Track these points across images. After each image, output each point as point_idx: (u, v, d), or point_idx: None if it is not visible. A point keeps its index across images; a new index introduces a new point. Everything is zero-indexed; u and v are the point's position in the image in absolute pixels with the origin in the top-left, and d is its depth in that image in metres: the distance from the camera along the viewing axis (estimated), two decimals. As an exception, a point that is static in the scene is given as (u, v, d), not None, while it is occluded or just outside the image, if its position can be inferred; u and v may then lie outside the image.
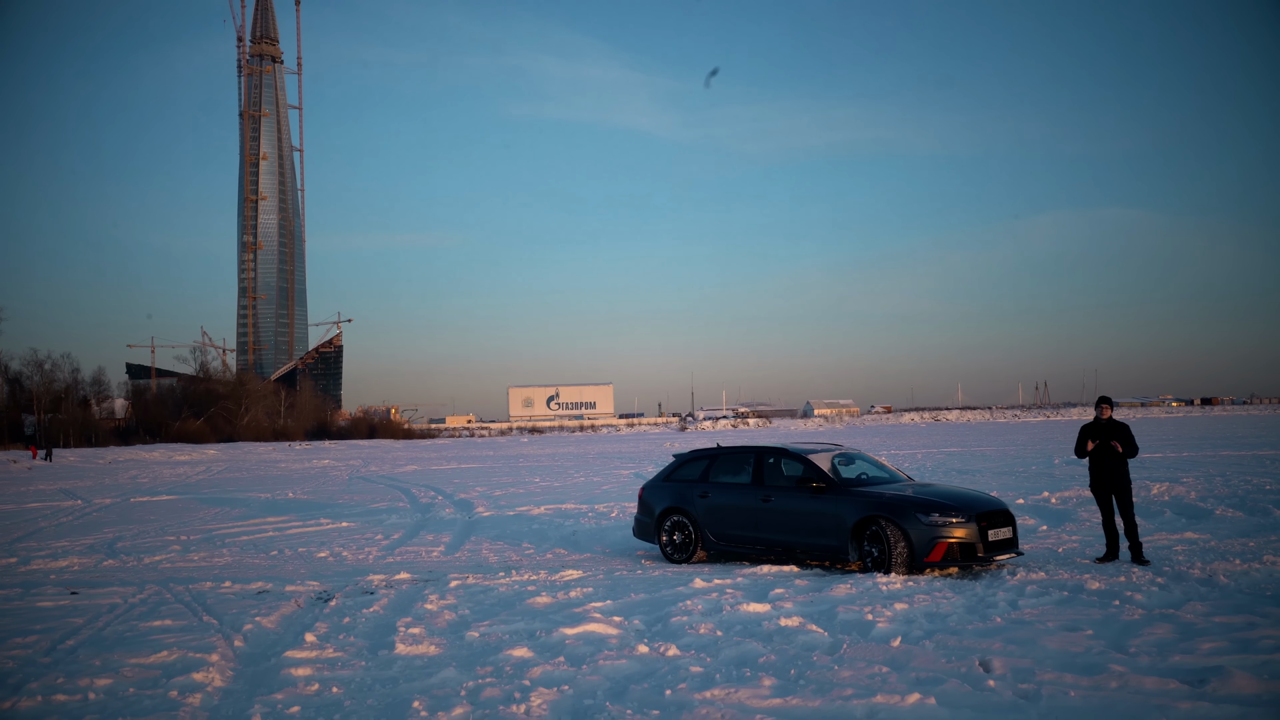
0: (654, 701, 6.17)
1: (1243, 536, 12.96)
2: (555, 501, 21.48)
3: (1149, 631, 7.45)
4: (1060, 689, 5.98)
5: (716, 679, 6.55)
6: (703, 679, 6.59)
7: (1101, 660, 6.64)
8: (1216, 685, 5.90)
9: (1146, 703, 5.65)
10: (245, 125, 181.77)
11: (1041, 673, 6.37)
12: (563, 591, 10.24)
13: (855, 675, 6.46)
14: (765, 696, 6.12)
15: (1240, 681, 5.91)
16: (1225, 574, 9.90)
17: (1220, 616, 7.92)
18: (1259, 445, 39.92)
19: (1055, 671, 6.40)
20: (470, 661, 7.44)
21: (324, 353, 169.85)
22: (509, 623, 8.77)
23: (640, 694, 6.34)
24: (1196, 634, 7.32)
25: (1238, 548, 11.89)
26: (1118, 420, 11.53)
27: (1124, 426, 11.46)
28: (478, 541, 15.26)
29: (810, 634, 7.79)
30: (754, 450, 12.50)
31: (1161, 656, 6.72)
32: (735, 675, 6.64)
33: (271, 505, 22.85)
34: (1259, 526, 13.99)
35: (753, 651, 7.32)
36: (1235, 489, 18.86)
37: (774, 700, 6.05)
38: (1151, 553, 11.79)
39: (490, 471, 36.90)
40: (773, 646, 7.49)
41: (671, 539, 12.60)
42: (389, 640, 8.14)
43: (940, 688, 6.10)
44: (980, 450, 43.88)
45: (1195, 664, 6.52)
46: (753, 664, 6.96)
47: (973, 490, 11.68)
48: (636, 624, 8.52)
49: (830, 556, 11.29)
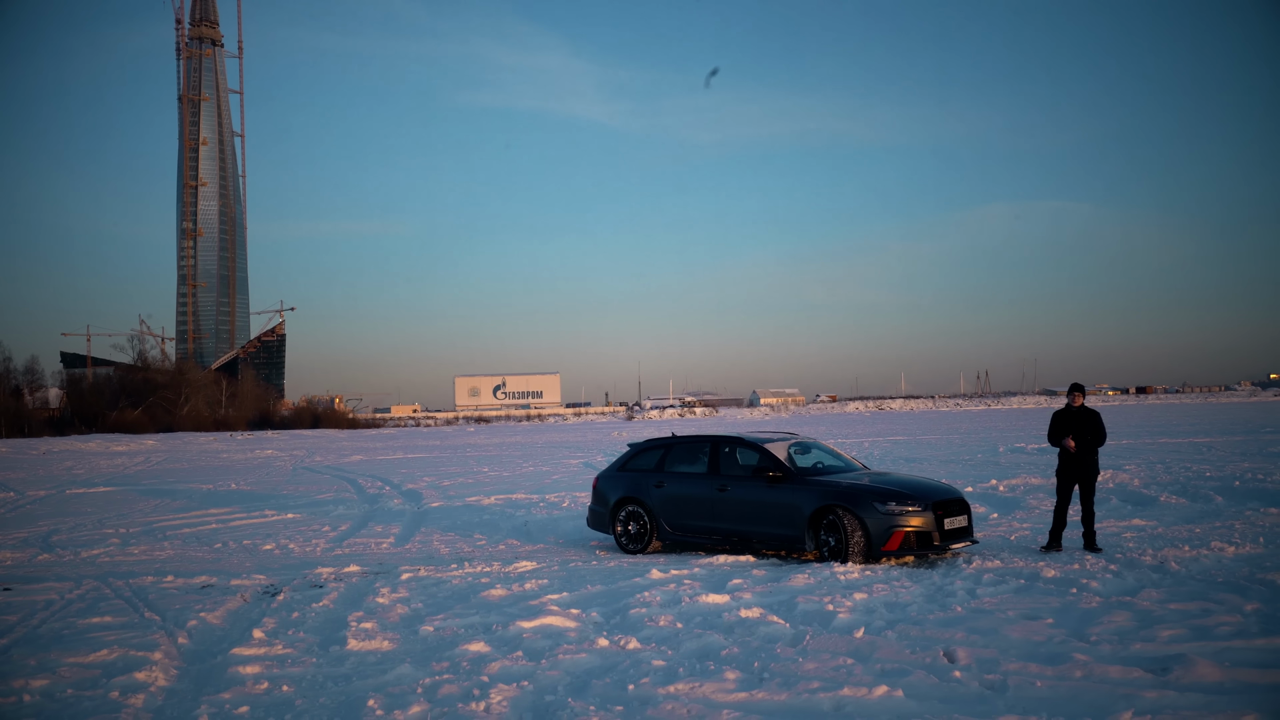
0: (617, 697, 6.04)
1: (1188, 523, 13.14)
2: (505, 492, 21.25)
3: (1108, 620, 7.46)
4: (1026, 679, 5.95)
5: (680, 673, 6.44)
6: (665, 673, 6.47)
7: (1064, 649, 6.64)
8: (1180, 673, 5.90)
9: (1113, 692, 5.64)
10: (184, 110, 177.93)
11: (1006, 663, 6.34)
12: (517, 583, 10.07)
13: (820, 668, 6.38)
14: (730, 690, 6.02)
15: (1203, 669, 5.92)
16: (1176, 561, 10.01)
17: (1176, 604, 7.97)
18: (1194, 433, 40.79)
19: (1020, 661, 6.37)
20: (426, 657, 7.25)
21: (266, 341, 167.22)
22: (464, 616, 8.58)
23: (602, 689, 6.21)
24: (1155, 621, 7.35)
25: (1185, 534, 12.04)
26: (1090, 408, 11.50)
27: (1095, 414, 11.41)
28: (428, 533, 15.01)
29: (772, 625, 7.71)
30: (710, 439, 12.41)
31: (1123, 645, 6.73)
32: (698, 669, 6.53)
33: (214, 496, 22.35)
34: (1203, 513, 14.21)
35: (715, 644, 7.22)
36: (1177, 476, 19.20)
37: (739, 694, 5.95)
38: (1102, 540, 11.89)
39: (438, 461, 36.50)
40: (734, 639, 7.39)
41: (626, 529, 12.47)
42: (340, 635, 7.92)
43: (907, 679, 6.04)
44: (925, 439, 44.33)
45: (1156, 652, 6.53)
46: (715, 657, 6.86)
47: (929, 479, 11.70)
48: (594, 616, 8.38)
49: (787, 546, 11.23)
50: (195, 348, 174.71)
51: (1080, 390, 11.52)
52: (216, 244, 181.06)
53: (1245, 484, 17.05)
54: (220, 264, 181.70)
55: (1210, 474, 19.34)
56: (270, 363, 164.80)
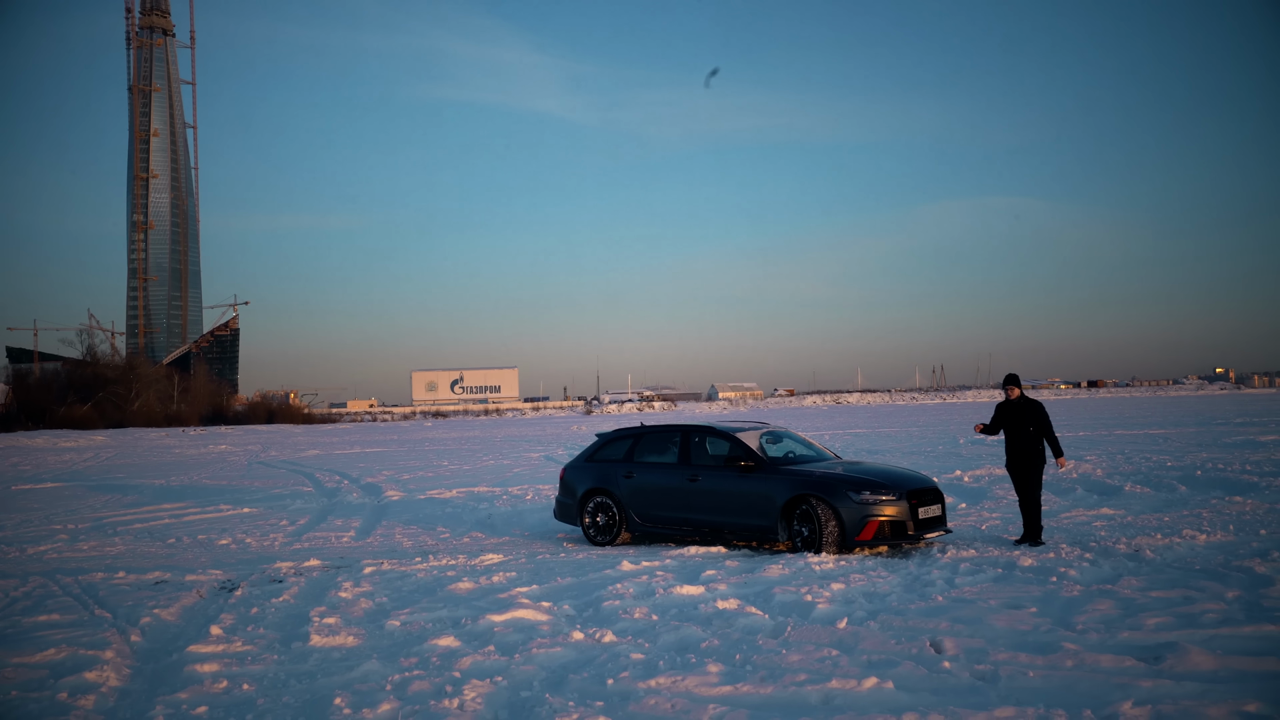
0: (596, 692, 5.79)
1: (1156, 512, 13.13)
2: (467, 485, 20.91)
3: (1092, 608, 7.34)
4: (1018, 669, 5.79)
5: (660, 666, 6.20)
6: (645, 666, 6.23)
7: (1052, 638, 6.49)
8: (1173, 662, 5.77)
9: (1108, 681, 5.49)
10: (135, 100, 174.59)
11: (995, 652, 6.18)
12: (485, 576, 9.78)
13: (805, 659, 6.18)
14: (714, 684, 5.79)
15: (1196, 658, 5.79)
16: (1150, 549, 9.94)
17: (1157, 591, 7.87)
18: (1149, 425, 41.30)
19: (1009, 651, 6.21)
20: (393, 652, 6.96)
21: (219, 336, 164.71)
22: (431, 610, 8.29)
23: (580, 684, 5.96)
24: (1139, 609, 7.24)
25: (1154, 523, 12.02)
26: (1030, 399, 11.21)
27: (1036, 405, 11.08)
28: (389, 526, 14.67)
29: (750, 617, 7.50)
30: (680, 429, 12.19)
31: (1110, 633, 6.60)
32: (679, 662, 6.30)
33: (167, 491, 21.78)
34: (1168, 502, 14.23)
35: (693, 636, 6.99)
36: (1138, 466, 19.29)
37: (723, 688, 5.72)
38: (1072, 528, 11.85)
39: (396, 455, 36.01)
40: (713, 630, 7.18)
41: (595, 521, 12.22)
42: (303, 631, 7.60)
43: (895, 670, 5.85)
44: (885, 431, 44.50)
45: (1146, 640, 6.40)
46: (695, 649, 6.64)
47: (902, 468, 11.56)
48: (567, 609, 8.12)
49: (759, 537, 11.04)
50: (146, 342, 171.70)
51: (1014, 382, 11.22)
52: (168, 237, 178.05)
53: (1206, 473, 17.14)
54: (172, 257, 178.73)
55: (1171, 464, 19.45)
56: (224, 357, 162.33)
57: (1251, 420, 43.34)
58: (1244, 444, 26.59)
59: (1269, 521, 11.63)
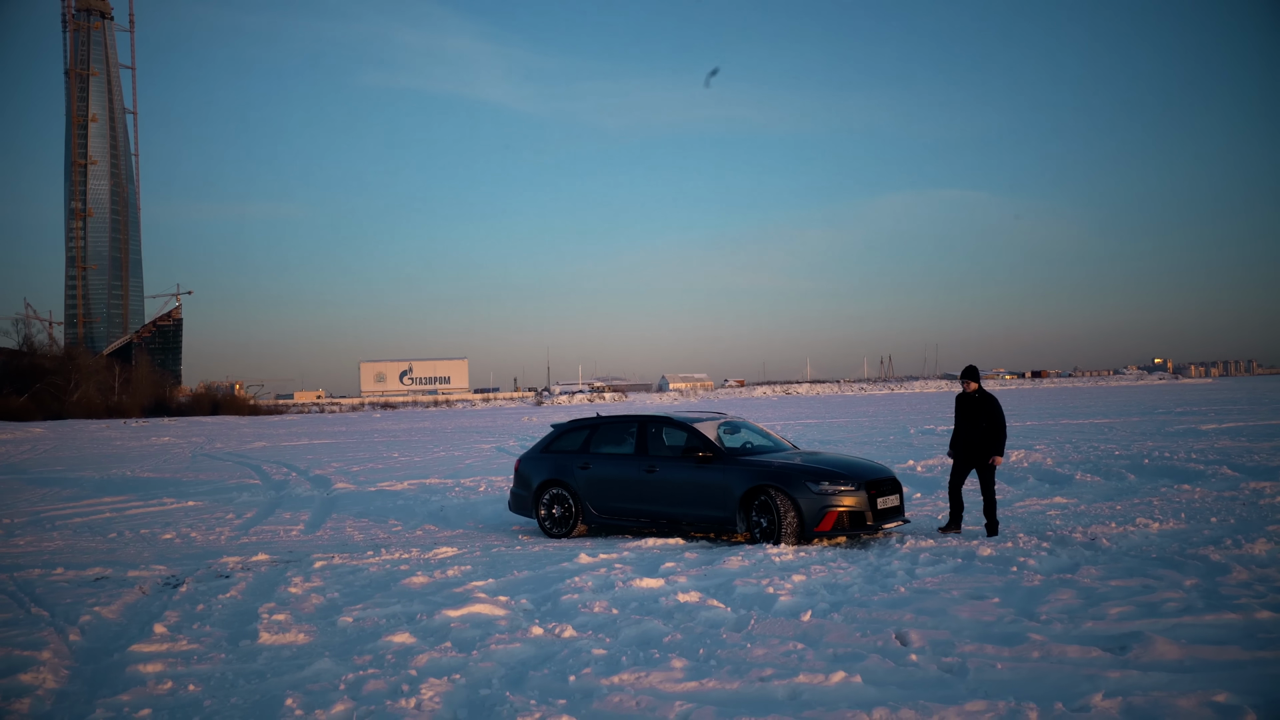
0: (558, 689, 5.64)
1: (1108, 500, 13.26)
2: (418, 477, 20.61)
3: (1054, 598, 7.32)
4: (985, 661, 5.72)
5: (623, 661, 6.06)
6: (607, 662, 6.09)
7: (1017, 629, 6.45)
8: (1139, 652, 5.74)
9: (1076, 673, 5.44)
10: (72, 84, 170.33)
11: (961, 644, 6.11)
12: (439, 570, 9.58)
13: (770, 654, 6.07)
14: (678, 679, 5.66)
15: (1161, 647, 5.76)
16: (1106, 538, 9.98)
17: (1116, 580, 7.87)
18: (1093, 415, 41.95)
19: (975, 642, 6.15)
20: (346, 650, 6.75)
21: (162, 326, 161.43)
22: (385, 605, 8.07)
23: (541, 681, 5.80)
24: (1101, 599, 7.23)
25: (1108, 511, 12.11)
26: (989, 394, 11.05)
27: (990, 400, 10.93)
28: (339, 519, 14.38)
29: (713, 610, 7.38)
30: (637, 419, 12.05)
31: (1074, 623, 6.57)
32: (642, 657, 6.16)
33: (107, 484, 21.21)
34: (1119, 490, 14.37)
35: (655, 630, 6.86)
36: (1087, 455, 19.50)
37: (689, 684, 5.60)
38: (1027, 518, 11.90)
39: (345, 447, 35.50)
40: (675, 624, 7.05)
41: (550, 513, 12.05)
42: (251, 629, 7.35)
43: (862, 664, 5.76)
44: (835, 422, 44.77)
45: (1110, 630, 6.38)
46: (658, 644, 6.51)
47: (860, 458, 11.52)
48: (524, 603, 7.95)
49: (717, 528, 10.94)
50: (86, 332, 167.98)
51: (973, 376, 11.04)
52: (108, 224, 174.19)
53: (1154, 462, 17.35)
54: (112, 245, 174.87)
55: (1119, 453, 19.69)
56: (166, 348, 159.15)
57: (1190, 410, 44.20)
58: (1186, 433, 27.06)
59: (1218, 509, 11.76)
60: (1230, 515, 11.26)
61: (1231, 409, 43.24)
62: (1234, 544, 9.28)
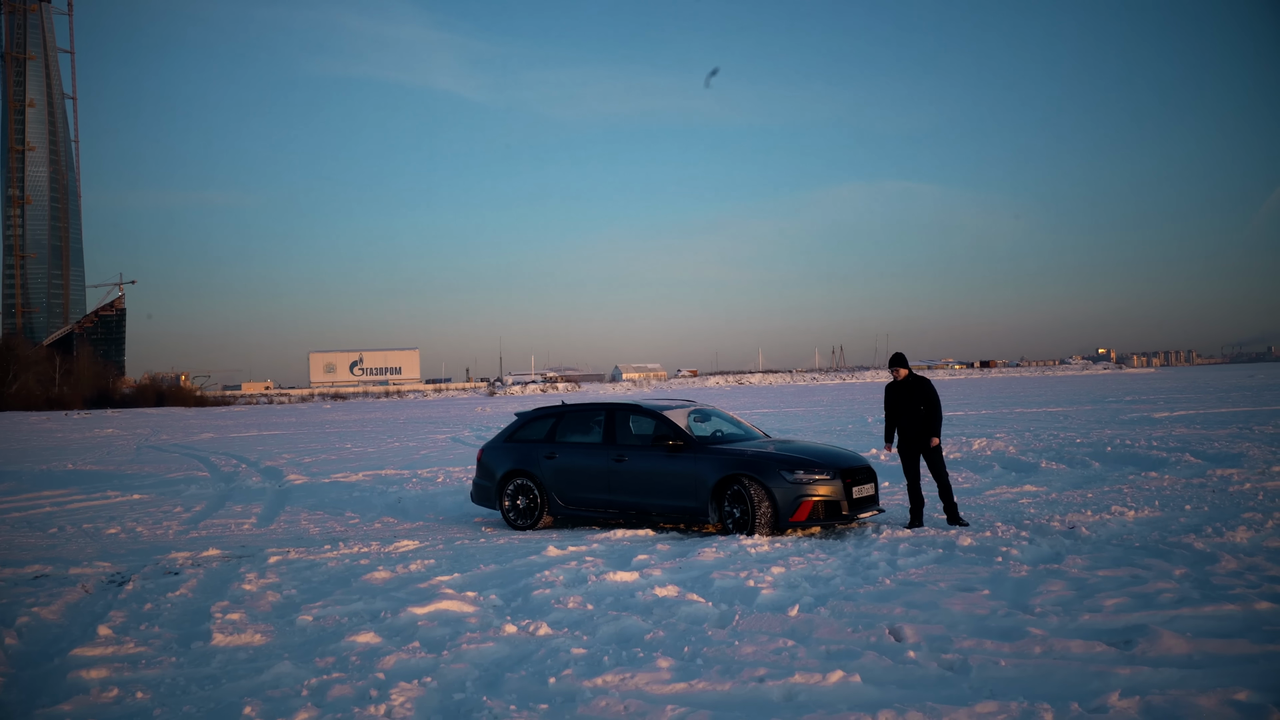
0: (538, 692, 5.28)
1: (1077, 488, 13.14)
2: (373, 468, 20.08)
3: (1045, 589, 7.09)
4: (987, 658, 5.45)
5: (605, 662, 5.72)
6: (588, 662, 5.74)
7: (1013, 623, 6.19)
8: (1145, 646, 5.50)
9: (1084, 670, 5.19)
10: (8, 68, 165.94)
11: (959, 640, 5.85)
12: (401, 564, 9.16)
13: (760, 651, 5.76)
14: (666, 680, 5.33)
15: (1168, 642, 5.53)
16: (1085, 526, 9.81)
17: (1104, 570, 7.67)
18: (1045, 403, 42.30)
19: (972, 638, 5.89)
20: (307, 652, 6.33)
21: (105, 316, 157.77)
22: (346, 603, 7.65)
23: (519, 684, 5.44)
24: (1093, 590, 7.00)
25: (1079, 499, 11.97)
26: (919, 377, 10.79)
27: (923, 383, 10.65)
28: (293, 511, 13.87)
29: (693, 605, 7.06)
30: (605, 407, 11.69)
31: (1070, 616, 6.33)
32: (625, 656, 5.82)
33: (48, 477, 20.41)
34: (1086, 478, 14.27)
35: (635, 627, 6.52)
36: (1048, 443, 19.46)
37: (677, 685, 5.27)
38: (1000, 506, 11.72)
39: (296, 438, 34.76)
40: (655, 620, 6.72)
41: (515, 504, 11.66)
42: (203, 629, 6.90)
43: (858, 662, 5.47)
44: (791, 411, 44.77)
45: (1110, 624, 6.15)
46: (640, 642, 6.17)
47: (834, 446, 11.27)
48: (494, 599, 7.58)
49: (688, 519, 10.63)
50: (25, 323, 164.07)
51: (901, 362, 10.75)
52: (47, 212, 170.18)
53: (1116, 450, 17.33)
54: (51, 234, 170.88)
55: (1080, 440, 19.68)
56: (109, 339, 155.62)
57: (1140, 398, 44.77)
58: (1140, 420, 27.27)
59: (1190, 497, 11.67)
60: (1203, 503, 11.16)
61: (1178, 397, 43.82)
62: (1215, 532, 9.14)
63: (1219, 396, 43.04)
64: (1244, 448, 17.06)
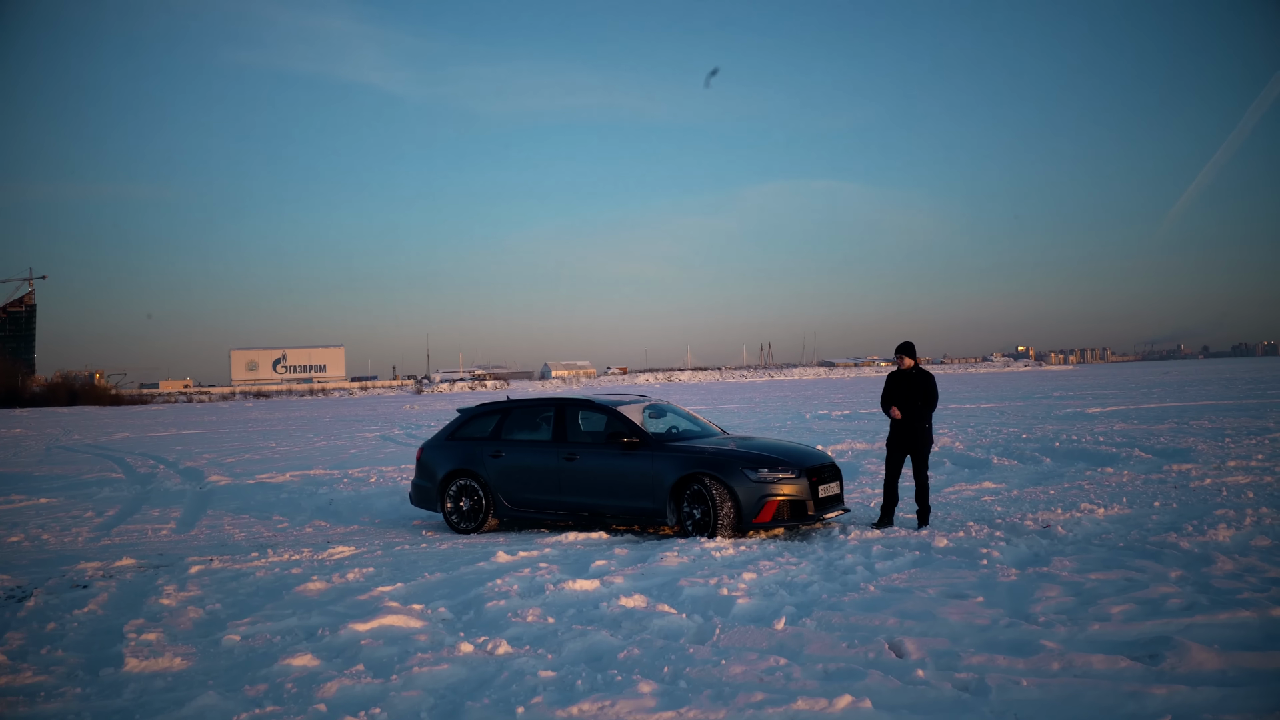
0: (505, 725, 4.62)
1: (1035, 485, 12.81)
2: (301, 468, 19.12)
3: (1042, 595, 6.60)
4: (1005, 677, 4.92)
5: (578, 687, 5.07)
6: (559, 687, 5.09)
7: (1021, 634, 5.69)
8: (1174, 661, 5.02)
9: (1115, 689, 4.67)
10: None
11: (966, 655, 5.31)
12: (338, 573, 8.39)
13: (750, 672, 5.16)
14: (651, 709, 4.70)
15: (1198, 655, 5.05)
16: (1059, 525, 9.42)
17: (1096, 573, 7.23)
18: (978, 399, 42.57)
19: (981, 652, 5.36)
20: (235, 678, 5.58)
21: (13, 313, 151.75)
22: (277, 618, 6.90)
23: (483, 714, 4.77)
24: (1092, 596, 6.54)
25: (1042, 496, 11.63)
26: (924, 370, 10.36)
27: (926, 377, 10.24)
28: (216, 515, 12.95)
29: (665, 617, 6.45)
30: (554, 402, 11.02)
31: (1079, 626, 5.84)
32: (600, 680, 5.17)
33: (-53, 480, 19.08)
34: (1041, 475, 13.98)
35: (606, 644, 5.89)
36: (994, 439, 19.26)
37: (665, 714, 4.64)
38: (963, 504, 11.32)
39: (217, 437, 33.41)
40: (627, 635, 6.09)
41: (458, 506, 10.94)
42: (115, 653, 6.10)
43: (862, 683, 4.90)
44: (726, 408, 44.41)
45: (1123, 634, 5.67)
46: (614, 662, 5.53)
47: (798, 443, 10.73)
48: (443, 612, 6.89)
49: (645, 520, 10.02)
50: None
51: (908, 351, 10.29)
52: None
53: (1064, 445, 17.16)
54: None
55: (1026, 436, 19.52)
56: (18, 335, 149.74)
57: (1067, 394, 45.34)
58: (1076, 416, 27.38)
59: (1154, 493, 11.38)
60: (1170, 499, 10.86)
61: (1104, 393, 44.47)
62: (1196, 531, 8.81)
63: (1143, 392, 43.75)
64: (1190, 442, 17.00)
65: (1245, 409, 27.53)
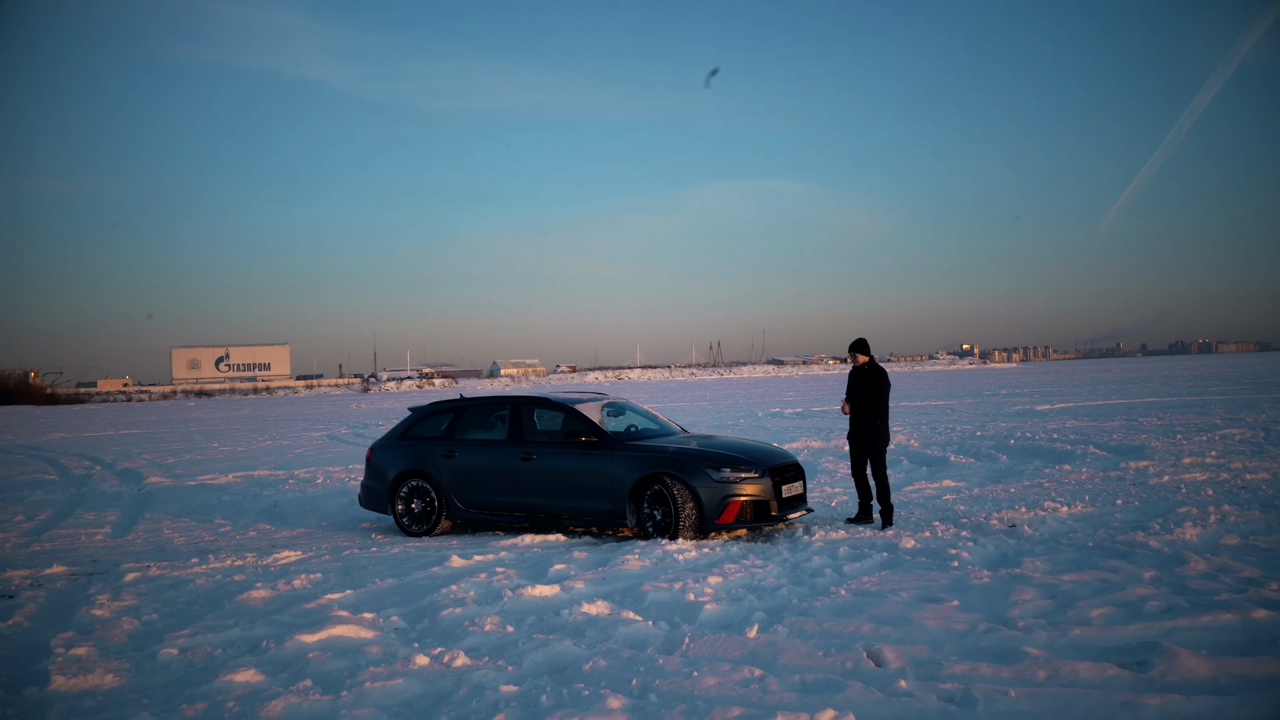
0: (466, 746, 4.31)
1: (996, 482, 12.70)
2: (244, 468, 18.56)
3: (1018, 599, 6.41)
4: (990, 687, 4.70)
5: (543, 702, 4.77)
6: (522, 703, 4.79)
7: (1001, 640, 5.48)
8: (1163, 668, 4.83)
9: (1106, 699, 4.47)
10: None
11: (949, 663, 5.08)
12: (283, 580, 8.00)
13: (724, 684, 4.89)
14: (622, 726, 4.42)
15: (1189, 662, 4.87)
16: (1025, 524, 9.28)
17: (1069, 575, 7.06)
18: (927, 397, 42.86)
19: (964, 660, 5.14)
20: (171, 696, 5.20)
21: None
22: (219, 629, 6.50)
23: (441, 735, 4.45)
24: (1069, 598, 6.37)
25: (1003, 495, 11.51)
26: (879, 366, 10.26)
27: (877, 373, 10.13)
28: (154, 519, 12.43)
29: (630, 624, 6.16)
30: (510, 400, 10.68)
31: (1059, 630, 5.65)
32: (566, 696, 4.87)
33: None
34: (999, 472, 13.90)
35: (570, 654, 5.59)
36: (949, 437, 19.24)
37: (637, 731, 4.36)
38: (925, 503, 11.17)
39: (157, 437, 32.53)
40: (591, 645, 5.79)
41: (409, 508, 10.56)
42: (40, 669, 5.68)
43: (843, 695, 4.66)
44: (678, 406, 44.23)
45: (1106, 638, 5.48)
46: (579, 674, 5.23)
47: (759, 442, 10.51)
48: (396, 621, 6.54)
49: (603, 522, 9.73)
50: None
51: (862, 348, 10.23)
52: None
53: (1019, 443, 17.15)
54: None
55: (980, 434, 19.50)
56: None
57: (1014, 392, 45.80)
58: (1026, 413, 27.53)
59: (1114, 491, 11.31)
60: (1132, 497, 10.79)
61: (1050, 391, 45.00)
62: (1163, 529, 8.72)
63: (1088, 390, 44.29)
64: (1143, 439, 17.07)
65: (1189, 405, 27.89)
